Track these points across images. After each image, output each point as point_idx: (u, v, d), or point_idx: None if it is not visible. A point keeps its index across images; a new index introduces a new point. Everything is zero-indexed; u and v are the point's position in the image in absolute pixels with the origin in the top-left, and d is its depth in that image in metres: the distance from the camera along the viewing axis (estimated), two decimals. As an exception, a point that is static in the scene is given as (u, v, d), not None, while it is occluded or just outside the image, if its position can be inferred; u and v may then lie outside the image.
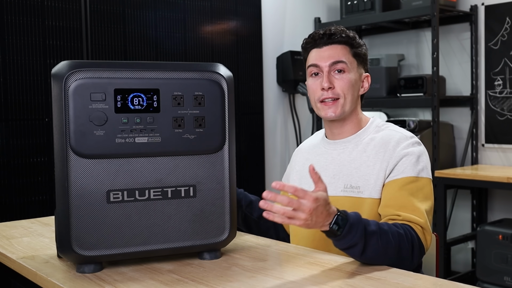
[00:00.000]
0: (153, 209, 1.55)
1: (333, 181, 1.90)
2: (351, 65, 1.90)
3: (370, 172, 1.83)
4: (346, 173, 1.88)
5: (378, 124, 1.95)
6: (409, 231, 1.65)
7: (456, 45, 4.52)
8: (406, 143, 1.82)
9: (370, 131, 1.93)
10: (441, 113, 4.31)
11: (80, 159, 1.47)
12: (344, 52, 1.90)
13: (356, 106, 1.93)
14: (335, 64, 1.88)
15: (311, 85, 1.93)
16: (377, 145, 1.86)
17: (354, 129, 1.94)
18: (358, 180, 1.84)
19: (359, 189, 1.83)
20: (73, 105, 1.45)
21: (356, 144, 1.92)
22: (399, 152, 1.80)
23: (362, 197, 1.82)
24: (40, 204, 3.41)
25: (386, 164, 1.80)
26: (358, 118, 1.95)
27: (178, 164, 1.57)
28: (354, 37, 1.93)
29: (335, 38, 1.90)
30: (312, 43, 1.94)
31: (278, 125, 4.77)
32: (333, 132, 1.97)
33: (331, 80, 1.88)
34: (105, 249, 1.51)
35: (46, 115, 3.43)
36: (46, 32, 3.43)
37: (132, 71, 1.52)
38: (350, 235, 1.52)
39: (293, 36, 4.82)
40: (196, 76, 1.58)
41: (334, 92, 1.88)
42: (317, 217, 1.47)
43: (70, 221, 1.47)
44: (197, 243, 1.61)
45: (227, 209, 1.62)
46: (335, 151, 1.95)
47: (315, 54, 1.92)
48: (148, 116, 1.52)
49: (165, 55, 3.98)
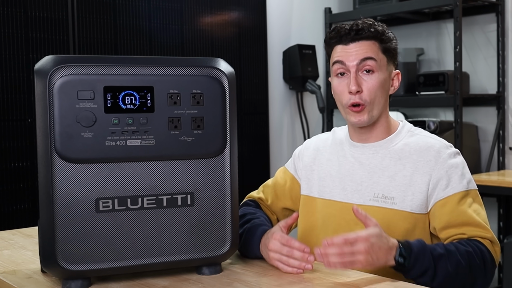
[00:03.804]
0: (146, 219, 1.55)
1: (361, 188, 1.90)
2: (381, 63, 1.88)
3: (407, 183, 1.84)
4: (378, 181, 1.88)
5: (410, 128, 1.96)
6: (478, 246, 1.70)
7: (481, 38, 4.51)
8: (448, 153, 1.85)
9: (403, 136, 1.93)
10: (464, 113, 4.30)
11: (66, 163, 1.47)
12: (373, 49, 1.88)
13: (385, 108, 1.93)
14: (363, 61, 1.86)
15: (337, 86, 1.91)
16: (414, 153, 1.87)
17: (384, 133, 1.94)
18: (393, 191, 1.85)
19: (392, 200, 1.84)
20: (59, 104, 1.45)
21: (387, 149, 1.91)
22: (442, 164, 1.82)
23: (395, 209, 1.83)
24: (22, 214, 3.42)
25: (429, 177, 1.82)
26: (387, 121, 1.95)
27: (174, 170, 1.57)
28: (384, 31, 1.91)
29: (363, 34, 1.87)
30: (336, 39, 1.91)
31: (285, 126, 4.77)
32: (360, 136, 1.96)
33: (359, 81, 1.86)
34: (93, 263, 1.51)
35: (29, 116, 3.43)
36: (28, 23, 3.44)
37: (123, 67, 1.52)
38: (418, 264, 1.60)
39: (301, 28, 4.82)
40: (194, 72, 1.58)
41: (361, 97, 1.86)
42: (377, 254, 1.56)
43: (55, 232, 1.47)
44: (195, 257, 1.60)
45: (228, 219, 1.62)
46: (363, 156, 1.94)
47: (340, 50, 1.90)
48: (141, 117, 1.52)
49: (160, 49, 3.98)
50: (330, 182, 1.98)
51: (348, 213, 1.90)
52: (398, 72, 1.96)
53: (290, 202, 2.08)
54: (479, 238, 1.73)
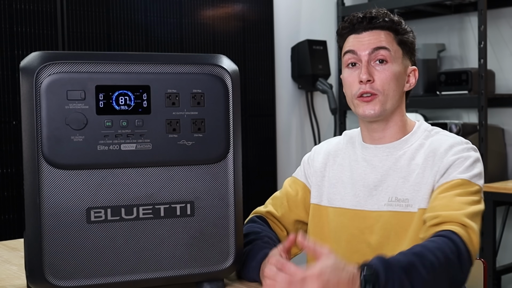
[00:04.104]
0: (142, 231, 1.55)
1: (375, 193, 1.90)
2: (396, 54, 1.89)
3: (419, 182, 1.83)
4: (392, 184, 1.88)
5: (427, 128, 1.95)
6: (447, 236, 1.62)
7: (508, 33, 4.51)
8: (460, 147, 1.84)
9: (419, 136, 1.93)
10: (490, 114, 4.30)
11: (54, 170, 1.47)
12: (387, 39, 1.89)
13: (400, 104, 1.93)
14: (376, 50, 1.88)
15: (347, 77, 1.93)
16: (427, 151, 1.87)
17: (399, 133, 1.94)
18: (406, 192, 1.85)
19: (407, 202, 1.84)
20: (46, 105, 1.45)
21: (402, 150, 1.91)
22: (450, 156, 1.81)
23: (412, 211, 1.82)
24: (6, 225, 3.42)
25: (436, 169, 1.81)
26: (403, 120, 1.95)
27: (173, 176, 1.57)
28: (400, 22, 1.92)
29: (376, 23, 1.89)
30: (349, 28, 1.94)
31: (293, 129, 4.77)
32: (373, 136, 1.96)
33: (371, 71, 1.87)
34: (84, 279, 1.51)
35: (14, 118, 3.44)
36: (13, 16, 3.45)
37: (117, 64, 1.52)
38: (390, 283, 1.50)
39: (311, 22, 4.82)
40: (194, 70, 1.58)
41: (373, 86, 1.87)
42: None
43: (42, 245, 1.47)
44: (196, 272, 1.60)
45: (231, 230, 1.62)
46: (376, 158, 1.94)
47: (352, 40, 1.92)
48: (136, 119, 1.52)
49: (157, 44, 3.99)
50: (341, 188, 1.97)
51: (361, 221, 1.89)
52: (415, 68, 1.97)
53: (304, 213, 2.06)
54: (451, 223, 1.65)
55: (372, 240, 1.87)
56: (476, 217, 1.72)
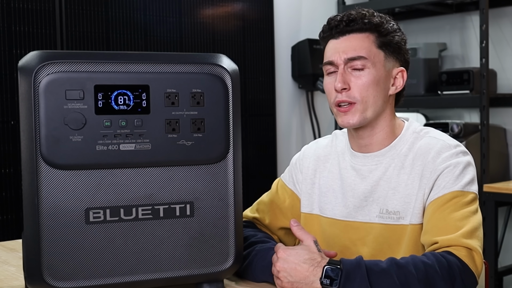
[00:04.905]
0: (141, 231, 1.54)
1: (366, 204, 1.87)
2: (375, 59, 1.84)
3: (410, 193, 1.80)
4: (382, 195, 1.85)
5: (416, 129, 1.90)
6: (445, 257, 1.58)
7: (510, 32, 4.51)
8: (449, 153, 1.78)
9: (407, 139, 1.87)
10: (491, 114, 4.30)
11: (53, 170, 1.47)
12: (365, 44, 1.84)
13: (385, 109, 1.87)
14: (350, 61, 1.83)
15: (326, 85, 1.89)
16: (415, 158, 1.82)
17: (387, 139, 1.89)
18: (397, 204, 1.81)
19: (398, 215, 1.81)
20: (45, 104, 1.45)
21: (391, 158, 1.87)
22: (439, 164, 1.76)
23: (404, 224, 1.80)
24: (4, 225, 3.42)
25: (426, 180, 1.77)
26: (390, 125, 1.89)
27: (172, 177, 1.57)
28: (381, 22, 1.86)
29: (354, 26, 1.84)
30: (328, 33, 1.90)
31: (294, 129, 4.77)
32: (359, 143, 1.92)
33: (347, 79, 1.82)
34: (83, 280, 1.51)
35: (12, 117, 3.44)
36: (11, 15, 3.44)
37: (116, 64, 1.52)
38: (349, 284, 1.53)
39: (312, 21, 4.82)
40: (193, 69, 1.58)
41: (349, 94, 1.82)
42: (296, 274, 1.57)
43: (40, 246, 1.47)
44: (195, 273, 1.60)
45: (231, 231, 1.62)
46: (365, 167, 1.90)
47: (331, 47, 1.88)
48: (135, 118, 1.52)
49: (156, 44, 3.99)
50: (332, 198, 1.95)
51: (353, 232, 1.87)
52: (402, 69, 1.90)
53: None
54: (453, 247, 1.62)
55: (364, 252, 1.84)
56: (475, 232, 1.67)
